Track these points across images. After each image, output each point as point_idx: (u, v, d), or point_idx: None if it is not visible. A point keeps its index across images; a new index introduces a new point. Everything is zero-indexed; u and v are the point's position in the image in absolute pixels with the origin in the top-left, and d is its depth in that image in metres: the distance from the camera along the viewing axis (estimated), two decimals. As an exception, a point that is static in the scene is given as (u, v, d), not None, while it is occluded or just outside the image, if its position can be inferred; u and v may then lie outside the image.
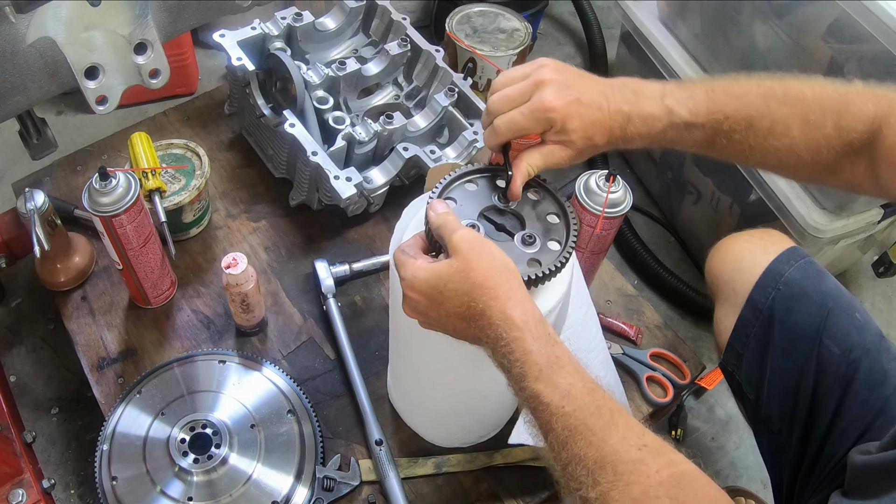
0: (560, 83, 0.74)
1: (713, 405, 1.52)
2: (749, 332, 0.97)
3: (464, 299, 0.66)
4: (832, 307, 0.92)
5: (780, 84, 0.76)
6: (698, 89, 0.76)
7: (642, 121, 0.75)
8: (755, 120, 0.75)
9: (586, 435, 0.58)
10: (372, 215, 1.33)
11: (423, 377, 0.95)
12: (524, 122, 0.74)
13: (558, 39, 2.26)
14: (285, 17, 1.32)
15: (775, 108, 0.74)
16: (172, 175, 1.21)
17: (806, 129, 0.74)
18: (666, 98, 0.75)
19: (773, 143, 0.75)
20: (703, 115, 0.75)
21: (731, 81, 0.77)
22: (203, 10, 1.08)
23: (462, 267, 0.66)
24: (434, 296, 0.68)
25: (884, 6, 1.08)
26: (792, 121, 0.74)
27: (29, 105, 0.97)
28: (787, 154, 0.75)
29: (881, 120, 0.72)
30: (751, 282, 0.98)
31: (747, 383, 0.97)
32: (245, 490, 0.97)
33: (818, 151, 0.75)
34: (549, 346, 0.63)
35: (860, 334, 0.90)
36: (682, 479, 0.56)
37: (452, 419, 1.03)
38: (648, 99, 0.75)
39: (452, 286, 0.66)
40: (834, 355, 0.89)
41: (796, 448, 0.91)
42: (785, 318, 0.94)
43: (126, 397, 1.06)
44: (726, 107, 0.75)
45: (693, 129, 0.75)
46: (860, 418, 0.86)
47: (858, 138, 0.73)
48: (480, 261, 0.66)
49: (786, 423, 0.92)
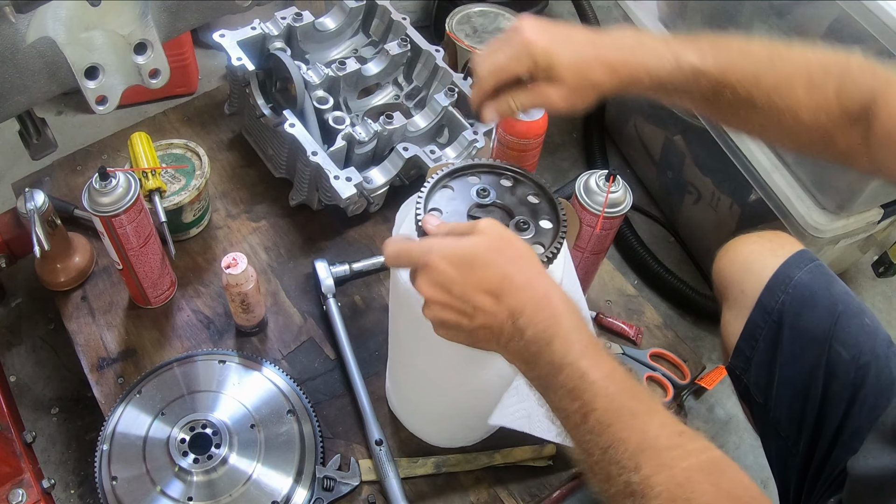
0: (541, 25, 0.71)
1: (713, 405, 1.52)
2: (758, 335, 0.96)
3: (498, 271, 0.62)
4: (842, 311, 0.92)
5: (783, 46, 0.75)
6: (703, 41, 0.74)
7: (649, 55, 0.71)
8: (761, 74, 0.72)
9: (628, 419, 0.57)
10: (372, 215, 1.33)
11: (423, 379, 0.95)
12: (506, 60, 0.70)
13: (558, 39, 2.25)
14: (285, 17, 1.32)
15: (780, 65, 0.73)
16: (172, 175, 1.21)
17: (810, 90, 0.72)
18: (671, 44, 0.73)
19: (776, 101, 0.73)
20: (710, 63, 0.72)
21: (732, 39, 0.75)
22: (203, 10, 1.08)
23: (495, 244, 0.63)
24: (464, 266, 0.62)
25: (884, 6, 1.08)
26: (797, 80, 0.72)
27: (29, 105, 0.97)
28: (789, 115, 0.73)
29: (876, 93, 0.71)
30: (760, 285, 0.97)
31: (755, 387, 0.97)
32: (245, 490, 0.97)
33: (818, 115, 0.73)
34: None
35: (870, 339, 0.90)
36: (720, 464, 0.57)
37: (455, 420, 1.03)
38: (652, 42, 0.73)
39: (486, 258, 0.63)
40: (843, 360, 0.89)
41: (804, 453, 0.91)
42: (794, 321, 0.93)
43: (126, 397, 1.06)
44: (732, 58, 0.73)
45: (700, 76, 0.72)
46: (868, 423, 0.85)
47: (855, 108, 0.72)
48: (512, 241, 0.64)
49: (794, 428, 0.92)
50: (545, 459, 1.06)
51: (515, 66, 0.70)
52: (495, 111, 0.72)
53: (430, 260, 0.63)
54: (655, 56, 0.71)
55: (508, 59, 0.70)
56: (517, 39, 0.69)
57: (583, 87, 0.71)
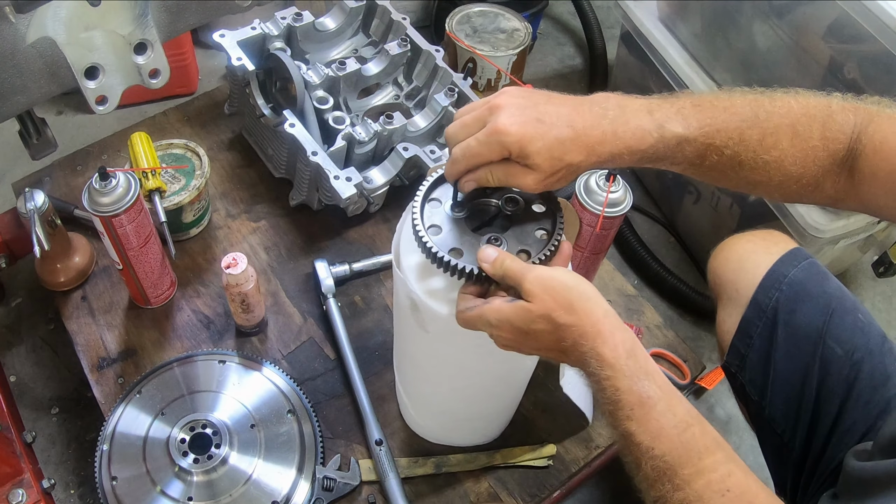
0: (517, 105, 0.68)
1: (713, 405, 1.52)
2: (752, 333, 0.96)
3: (552, 338, 0.66)
4: (835, 308, 0.92)
5: (765, 96, 0.74)
6: (685, 102, 0.72)
7: (630, 133, 0.68)
8: (745, 131, 0.71)
9: (672, 479, 0.60)
10: (372, 215, 1.33)
11: (434, 382, 0.95)
12: (478, 147, 0.69)
13: (558, 39, 2.26)
14: (285, 17, 1.32)
15: (764, 118, 0.72)
16: (172, 175, 1.21)
17: (795, 140, 0.72)
18: (654, 112, 0.70)
19: (763, 156, 0.72)
20: (695, 129, 0.70)
21: (715, 95, 0.74)
22: (203, 10, 1.08)
23: (542, 309, 0.65)
24: (521, 335, 0.67)
25: (884, 6, 1.08)
26: (782, 132, 0.72)
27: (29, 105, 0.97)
28: (776, 168, 0.73)
29: (860, 130, 0.71)
30: (754, 283, 0.98)
31: (751, 384, 0.97)
32: (245, 490, 0.97)
33: (805, 164, 0.73)
34: (641, 381, 0.63)
35: (863, 336, 0.90)
36: None
37: (468, 421, 1.03)
38: (635, 112, 0.70)
39: (538, 327, 0.66)
40: (837, 356, 0.89)
41: (800, 449, 0.91)
42: (788, 319, 0.94)
43: (126, 397, 1.06)
44: (716, 119, 0.71)
45: (685, 143, 0.71)
46: (863, 420, 0.86)
47: (841, 150, 0.72)
48: (558, 300, 0.65)
49: (789, 425, 0.92)
50: (545, 459, 1.06)
51: (488, 153, 0.69)
52: (474, 182, 0.72)
53: (492, 332, 0.69)
54: (638, 131, 0.69)
55: (480, 146, 0.68)
56: (491, 127, 0.68)
57: (558, 170, 0.69)
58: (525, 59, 1.82)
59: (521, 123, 0.67)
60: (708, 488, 0.59)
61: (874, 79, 1.16)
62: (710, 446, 0.62)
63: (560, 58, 2.20)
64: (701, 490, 0.59)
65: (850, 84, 1.20)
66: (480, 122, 0.69)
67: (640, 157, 0.71)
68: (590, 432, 1.10)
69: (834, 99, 0.73)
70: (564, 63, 2.19)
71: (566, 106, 0.69)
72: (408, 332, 0.88)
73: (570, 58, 2.20)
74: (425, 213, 0.75)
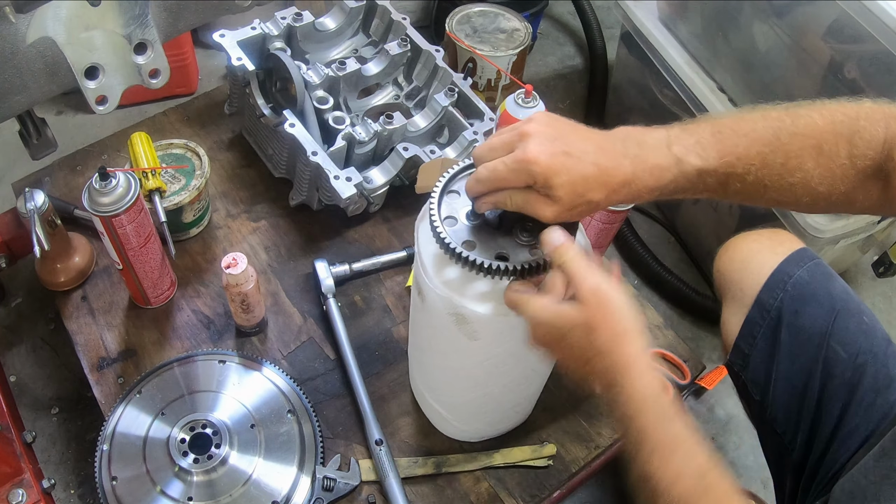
0: (547, 135, 0.68)
1: (713, 405, 1.52)
2: (756, 332, 0.96)
3: (583, 355, 0.65)
4: (840, 310, 0.92)
5: (788, 114, 0.71)
6: (705, 131, 0.71)
7: (648, 173, 0.68)
8: (768, 156, 0.70)
9: None
10: (372, 215, 1.33)
11: (482, 384, 0.94)
12: (505, 171, 0.69)
13: (558, 39, 2.26)
14: (285, 17, 1.32)
15: (787, 140, 0.70)
16: (172, 175, 1.21)
17: (820, 160, 0.70)
18: (673, 146, 0.69)
19: (787, 179, 0.70)
20: (714, 160, 0.69)
21: (737, 118, 0.72)
22: (203, 10, 1.08)
23: (587, 323, 0.64)
24: (555, 339, 0.67)
25: (884, 6, 1.08)
26: (805, 153, 0.69)
27: (29, 105, 0.97)
28: (803, 189, 0.71)
29: (891, 142, 0.69)
30: (759, 282, 0.97)
31: (753, 384, 0.97)
32: (245, 490, 0.97)
33: (833, 182, 0.71)
34: (667, 423, 0.62)
35: (867, 338, 0.90)
36: None
37: (512, 409, 1.03)
38: (654, 149, 0.69)
39: (574, 338, 0.65)
40: (841, 359, 0.89)
41: (801, 451, 0.91)
42: (792, 319, 0.93)
43: (126, 397, 1.06)
44: (737, 147, 0.69)
45: (705, 175, 0.70)
46: (865, 423, 0.85)
47: (871, 164, 0.70)
48: (606, 320, 0.64)
49: (791, 426, 0.92)
50: (545, 459, 1.06)
51: (514, 179, 0.69)
52: (493, 204, 0.73)
53: (531, 324, 0.69)
54: (656, 169, 0.69)
55: (508, 171, 0.69)
56: (520, 155, 0.68)
57: (580, 205, 0.69)
58: (525, 59, 1.82)
59: (550, 154, 0.67)
60: None
61: (874, 79, 1.16)
62: (729, 492, 0.61)
63: (560, 58, 2.20)
64: None
65: (850, 84, 1.20)
66: (508, 147, 0.69)
67: (660, 193, 0.70)
68: (590, 432, 1.10)
69: (863, 107, 0.71)
70: (564, 63, 2.19)
71: (591, 142, 0.69)
72: (448, 347, 0.87)
73: (570, 58, 2.20)
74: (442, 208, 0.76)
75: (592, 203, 0.69)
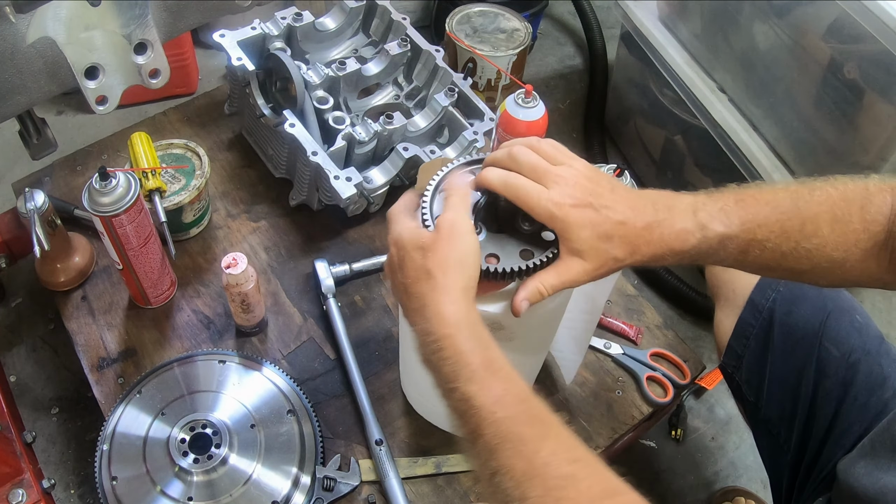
0: (582, 186, 0.68)
1: (713, 405, 1.52)
2: (749, 333, 0.97)
3: (412, 275, 0.65)
4: (832, 309, 0.92)
5: (805, 186, 0.73)
6: (729, 199, 0.72)
7: (675, 237, 0.69)
8: (785, 223, 0.71)
9: (517, 444, 0.56)
10: (372, 215, 1.33)
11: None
12: (526, 196, 0.68)
13: (558, 39, 2.26)
14: (285, 17, 1.32)
15: (804, 207, 0.71)
16: (172, 175, 1.21)
17: (835, 226, 0.71)
18: (699, 212, 0.70)
19: (804, 244, 0.71)
20: (736, 226, 0.70)
21: (759, 188, 0.74)
22: (203, 10, 1.07)
23: (427, 246, 0.65)
24: (398, 260, 0.68)
25: (884, 6, 1.08)
26: (821, 219, 0.71)
27: (29, 105, 0.97)
28: (819, 255, 0.72)
29: None
30: (751, 283, 0.98)
31: (747, 385, 0.97)
32: (245, 490, 0.97)
33: (847, 248, 0.72)
34: (483, 348, 0.61)
35: (860, 337, 0.90)
36: (615, 496, 0.55)
37: None
38: (681, 213, 0.70)
39: (410, 259, 0.66)
40: (833, 358, 0.89)
41: (795, 450, 0.91)
42: (785, 319, 0.94)
43: (126, 397, 1.06)
44: (758, 215, 0.71)
45: (727, 241, 0.70)
46: (859, 421, 0.86)
47: (881, 231, 0.71)
48: (442, 247, 0.65)
49: (785, 426, 0.92)
50: (545, 459, 1.06)
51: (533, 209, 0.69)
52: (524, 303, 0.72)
53: (389, 256, 0.71)
54: (682, 234, 0.70)
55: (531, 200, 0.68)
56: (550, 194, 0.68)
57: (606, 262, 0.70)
58: (525, 59, 1.82)
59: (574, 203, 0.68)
60: (555, 455, 0.55)
61: (874, 79, 1.16)
62: (555, 419, 0.59)
63: (560, 58, 2.20)
64: (548, 457, 0.55)
65: (850, 84, 1.20)
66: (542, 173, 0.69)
67: (682, 257, 0.71)
68: (590, 432, 1.10)
69: (871, 181, 0.73)
70: (564, 63, 2.19)
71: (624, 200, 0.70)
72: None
73: (570, 58, 2.21)
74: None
75: (619, 261, 0.69)
